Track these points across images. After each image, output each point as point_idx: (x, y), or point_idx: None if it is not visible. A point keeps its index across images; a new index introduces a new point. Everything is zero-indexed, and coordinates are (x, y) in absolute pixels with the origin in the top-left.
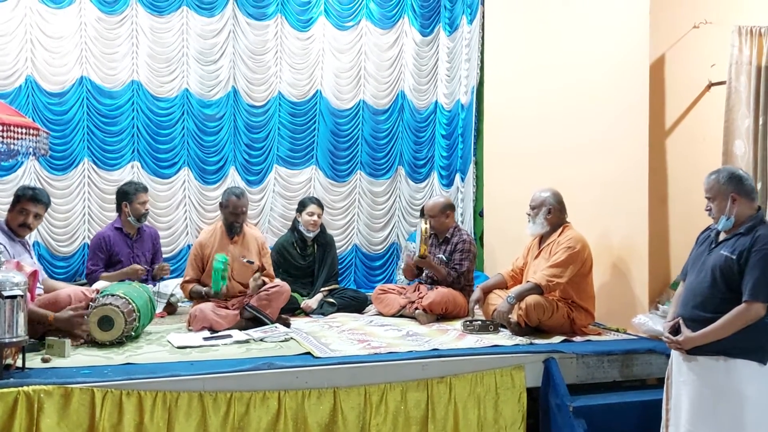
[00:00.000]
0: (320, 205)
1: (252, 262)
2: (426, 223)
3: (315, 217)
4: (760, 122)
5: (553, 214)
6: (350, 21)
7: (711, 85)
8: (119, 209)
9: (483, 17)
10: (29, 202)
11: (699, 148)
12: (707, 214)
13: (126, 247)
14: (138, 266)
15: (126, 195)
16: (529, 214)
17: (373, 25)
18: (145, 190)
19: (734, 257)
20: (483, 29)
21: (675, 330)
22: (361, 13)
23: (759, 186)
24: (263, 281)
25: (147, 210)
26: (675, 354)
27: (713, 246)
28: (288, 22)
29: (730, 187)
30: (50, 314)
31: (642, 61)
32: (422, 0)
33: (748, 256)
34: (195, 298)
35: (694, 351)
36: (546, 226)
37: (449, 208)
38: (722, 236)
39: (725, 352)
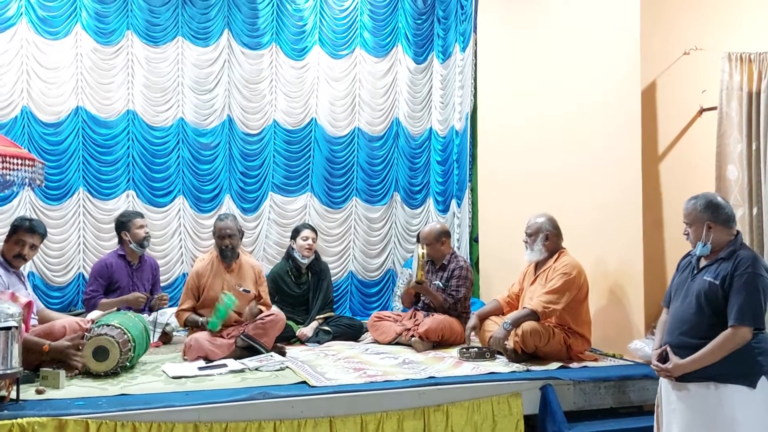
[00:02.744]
0: (314, 231)
1: (248, 291)
2: (423, 248)
3: (309, 242)
4: (753, 147)
5: (551, 240)
6: (344, 49)
7: (702, 110)
8: (120, 240)
9: (475, 45)
10: (26, 233)
11: (692, 173)
12: (685, 239)
13: (126, 276)
14: (139, 294)
15: (123, 224)
16: (525, 242)
17: (367, 54)
18: (140, 215)
19: (717, 282)
20: (476, 56)
21: (663, 358)
22: (355, 42)
23: (754, 211)
24: (259, 309)
25: (147, 233)
26: (664, 382)
27: (695, 272)
28: (283, 51)
29: (706, 214)
30: (46, 343)
31: (633, 87)
32: (415, 29)
33: (731, 280)
34: (190, 326)
35: (683, 378)
36: (544, 252)
37: (444, 234)
38: (703, 262)
39: (715, 377)
